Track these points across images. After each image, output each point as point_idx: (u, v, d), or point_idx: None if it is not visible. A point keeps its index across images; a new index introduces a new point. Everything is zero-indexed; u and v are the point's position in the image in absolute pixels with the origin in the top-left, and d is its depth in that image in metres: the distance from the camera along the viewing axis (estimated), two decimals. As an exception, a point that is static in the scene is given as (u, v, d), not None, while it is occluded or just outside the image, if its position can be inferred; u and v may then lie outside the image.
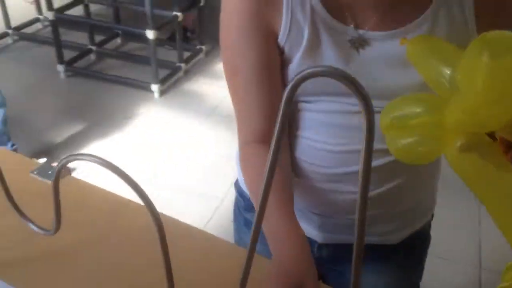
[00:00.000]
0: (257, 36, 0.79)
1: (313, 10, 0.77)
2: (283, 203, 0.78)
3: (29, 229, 0.69)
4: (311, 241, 0.97)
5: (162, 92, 3.15)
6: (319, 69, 0.32)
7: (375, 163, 0.84)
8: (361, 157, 0.34)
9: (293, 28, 0.78)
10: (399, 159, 0.73)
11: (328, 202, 0.90)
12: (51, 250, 0.79)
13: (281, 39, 0.79)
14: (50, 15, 3.18)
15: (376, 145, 0.70)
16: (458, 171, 0.69)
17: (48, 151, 2.63)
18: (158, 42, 3.12)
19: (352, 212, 0.90)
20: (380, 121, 0.73)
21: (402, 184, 0.89)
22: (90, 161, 0.44)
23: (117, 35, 3.69)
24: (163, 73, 3.15)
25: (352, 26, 0.78)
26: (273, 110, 0.84)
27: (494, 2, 0.78)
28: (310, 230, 0.96)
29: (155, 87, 3.11)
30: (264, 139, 0.85)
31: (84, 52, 3.48)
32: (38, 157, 2.45)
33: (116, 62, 3.49)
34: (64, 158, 0.48)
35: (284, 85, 0.84)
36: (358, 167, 0.86)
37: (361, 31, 0.78)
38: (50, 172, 0.95)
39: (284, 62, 0.81)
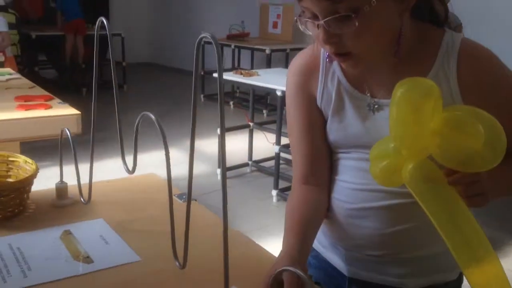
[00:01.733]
0: (302, 102, 1.12)
1: (339, 82, 1.08)
2: (293, 227, 1.04)
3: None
4: (341, 275, 1.16)
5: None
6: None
7: (389, 202, 1.05)
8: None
9: (325, 94, 1.09)
10: (378, 182, 0.96)
11: (350, 236, 1.11)
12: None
13: (318, 101, 1.11)
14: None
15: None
16: (411, 189, 0.90)
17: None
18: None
19: (371, 248, 1.11)
20: (370, 154, 0.99)
21: (415, 228, 1.04)
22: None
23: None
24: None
25: (369, 95, 1.06)
26: (313, 159, 1.12)
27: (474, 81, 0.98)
28: (339, 262, 1.16)
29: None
30: (307, 181, 1.12)
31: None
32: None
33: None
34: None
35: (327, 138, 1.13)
36: (375, 204, 1.10)
37: (375, 99, 1.05)
38: (184, 196, 1.39)
39: (324, 119, 1.12)
